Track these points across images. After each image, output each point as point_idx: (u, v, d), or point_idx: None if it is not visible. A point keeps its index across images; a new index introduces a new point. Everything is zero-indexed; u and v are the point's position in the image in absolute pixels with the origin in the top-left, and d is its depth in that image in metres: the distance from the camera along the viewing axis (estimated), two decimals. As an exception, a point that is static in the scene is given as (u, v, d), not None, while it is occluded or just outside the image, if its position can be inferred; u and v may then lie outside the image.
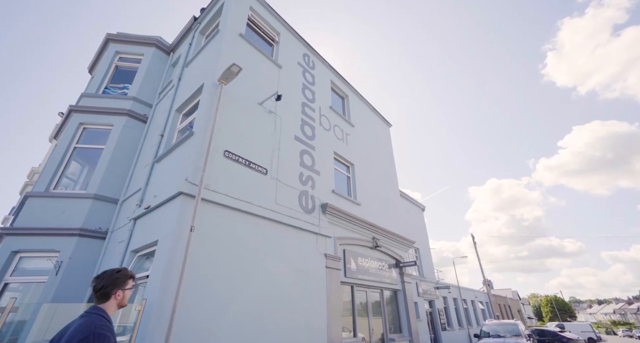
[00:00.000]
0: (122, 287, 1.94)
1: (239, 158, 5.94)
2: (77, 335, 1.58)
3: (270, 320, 5.35)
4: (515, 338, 10.68)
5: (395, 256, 10.14)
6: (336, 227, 7.90)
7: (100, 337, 1.61)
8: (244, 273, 5.27)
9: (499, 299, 30.87)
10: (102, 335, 1.63)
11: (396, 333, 9.22)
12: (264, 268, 5.64)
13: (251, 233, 5.64)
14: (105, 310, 1.85)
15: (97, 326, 1.67)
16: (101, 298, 1.88)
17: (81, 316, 1.78)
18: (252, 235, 5.64)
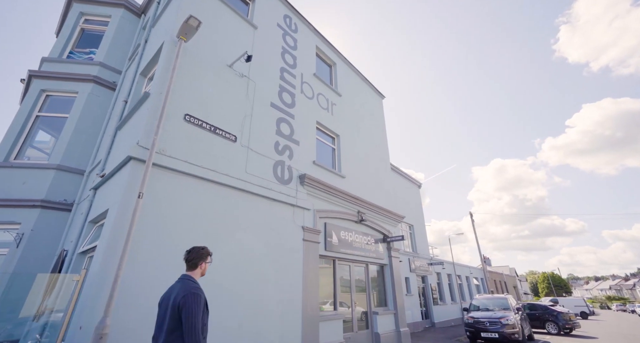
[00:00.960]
0: (205, 260, 2.60)
1: (203, 123, 5.48)
2: (181, 293, 2.23)
3: (238, 293, 5.13)
4: (503, 312, 10.62)
5: (382, 231, 9.87)
6: (316, 199, 7.56)
7: (195, 295, 2.24)
8: (209, 245, 4.97)
9: (494, 275, 31.20)
10: (196, 293, 2.26)
11: (381, 307, 9.15)
12: (233, 240, 5.35)
13: (217, 204, 5.30)
14: (193, 276, 2.50)
15: (192, 287, 2.30)
16: (191, 268, 2.54)
17: (178, 280, 2.43)
18: (218, 206, 5.31)
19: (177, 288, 2.34)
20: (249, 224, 5.74)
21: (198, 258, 2.56)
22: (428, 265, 16.98)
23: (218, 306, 4.78)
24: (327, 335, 6.62)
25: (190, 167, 5.02)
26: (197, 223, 4.89)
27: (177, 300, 2.20)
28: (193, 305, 2.17)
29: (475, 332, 10.26)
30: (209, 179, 5.25)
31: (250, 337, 5.09)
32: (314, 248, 6.97)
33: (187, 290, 2.25)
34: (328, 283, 7.65)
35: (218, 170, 5.43)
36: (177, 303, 2.18)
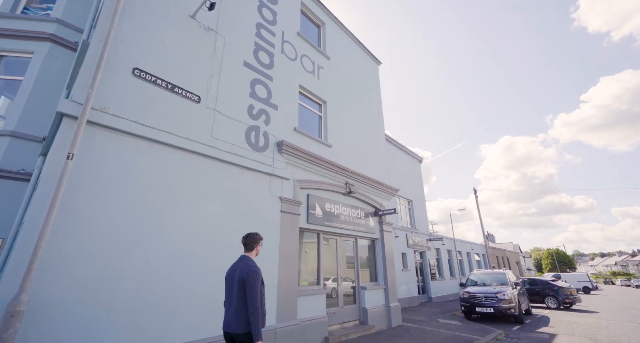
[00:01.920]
0: (258, 243, 3.22)
1: (157, 79, 4.83)
2: (245, 270, 2.85)
3: (208, 263, 4.72)
4: (501, 287, 10.25)
5: (374, 204, 9.35)
6: (297, 168, 6.98)
7: (254, 273, 2.83)
8: (168, 214, 4.52)
9: (497, 252, 30.99)
10: (256, 271, 2.85)
11: (372, 282, 8.82)
12: (197, 209, 4.87)
13: (177, 170, 4.77)
14: (250, 256, 3.12)
15: (252, 266, 2.91)
16: (248, 250, 3.17)
17: (240, 260, 3.05)
18: (179, 172, 4.78)
19: (240, 266, 2.96)
20: (217, 193, 5.24)
21: (253, 243, 3.19)
22: (427, 241, 16.62)
23: (188, 273, 4.40)
24: (307, 310, 6.30)
25: (142, 128, 4.44)
26: (152, 191, 4.39)
27: (241, 276, 2.83)
28: (253, 281, 2.78)
29: (470, 307, 9.97)
30: (166, 143, 4.68)
31: (216, 311, 4.72)
32: (293, 221, 6.49)
33: (249, 269, 2.85)
34: (312, 257, 7.26)
35: (177, 133, 4.84)
36: (242, 278, 2.81)
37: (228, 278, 3.01)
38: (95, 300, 3.60)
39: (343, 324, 7.39)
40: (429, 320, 9.60)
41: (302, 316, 6.13)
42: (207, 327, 4.52)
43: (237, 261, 3.08)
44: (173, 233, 4.49)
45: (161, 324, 4.06)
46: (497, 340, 7.43)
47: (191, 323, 4.36)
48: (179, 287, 4.36)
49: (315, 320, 6.32)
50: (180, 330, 4.22)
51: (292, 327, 5.69)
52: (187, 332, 4.29)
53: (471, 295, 10.15)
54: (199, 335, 4.41)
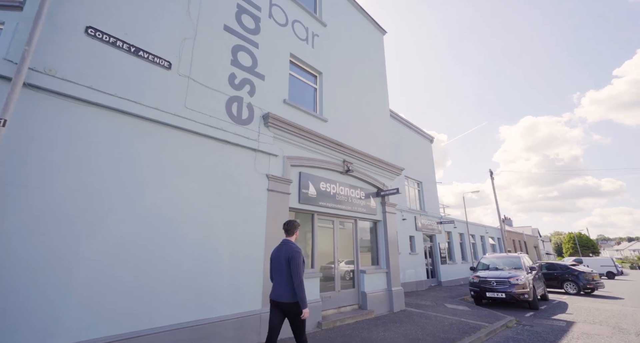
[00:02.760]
0: (297, 229, 3.77)
1: (118, 41, 4.31)
2: (289, 251, 3.44)
3: (178, 247, 4.35)
4: (514, 271, 9.57)
5: (376, 184, 8.74)
6: (287, 144, 6.43)
7: (297, 253, 3.43)
8: (133, 191, 4.12)
9: (513, 235, 29.86)
10: (298, 252, 3.45)
11: (373, 266, 8.36)
12: (167, 187, 4.45)
13: (144, 143, 4.33)
14: (291, 240, 3.68)
15: (295, 247, 3.51)
16: (289, 234, 3.72)
17: (284, 243, 3.61)
18: (145, 146, 4.33)
19: (284, 248, 3.51)
20: (193, 169, 4.79)
21: (293, 228, 3.72)
22: (437, 224, 15.93)
23: (159, 255, 4.03)
24: (298, 293, 5.91)
25: (99, 95, 3.97)
26: (114, 166, 3.97)
27: (287, 255, 3.40)
28: (297, 259, 3.36)
29: (481, 292, 9.39)
30: (130, 113, 4.22)
31: (195, 295, 4.39)
32: (282, 200, 6.01)
33: (293, 250, 3.44)
34: (306, 240, 6.82)
35: (143, 103, 4.36)
36: (287, 257, 3.38)
37: (274, 258, 3.59)
38: (50, 281, 3.28)
39: (340, 309, 7.01)
40: (435, 305, 9.12)
41: (292, 300, 5.74)
42: (178, 312, 4.18)
43: (280, 244, 3.66)
44: (140, 212, 4.10)
45: (126, 307, 3.73)
46: (507, 327, 6.87)
47: (159, 308, 4.01)
48: (148, 270, 4.00)
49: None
50: (147, 314, 3.89)
51: (279, 312, 5.32)
52: (156, 316, 3.96)
53: (481, 279, 9.55)
54: (172, 319, 4.08)
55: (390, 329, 6.07)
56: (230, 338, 4.58)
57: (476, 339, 5.66)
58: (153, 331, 3.85)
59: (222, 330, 4.52)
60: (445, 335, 5.71)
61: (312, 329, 5.85)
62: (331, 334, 5.56)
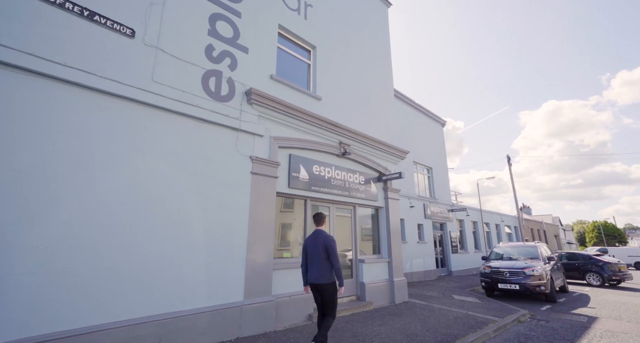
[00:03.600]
0: (325, 220, 4.28)
1: (66, 2, 3.83)
2: (326, 239, 3.89)
3: (147, 233, 3.97)
4: (530, 261, 8.83)
5: (377, 168, 8.12)
6: (274, 123, 5.90)
7: (333, 240, 3.91)
8: (93, 172, 3.73)
9: (532, 224, 28.51)
10: (333, 239, 3.93)
11: (374, 255, 7.85)
12: (134, 167, 4.04)
13: (103, 119, 3.90)
14: (323, 229, 4.15)
15: (329, 236, 3.97)
16: (320, 224, 4.17)
17: (318, 232, 4.04)
18: (105, 122, 3.91)
19: (320, 236, 3.97)
20: (165, 149, 4.36)
21: (322, 220, 4.22)
22: (448, 211, 15.16)
23: (119, 244, 3.67)
24: (287, 285, 5.50)
25: (45, 64, 3.53)
26: (65, 144, 3.57)
27: (324, 243, 3.89)
28: (334, 246, 3.90)
29: (492, 283, 8.74)
30: (83, 85, 3.77)
31: (164, 286, 4.03)
32: (268, 184, 5.54)
33: (329, 238, 3.95)
34: (298, 226, 6.37)
35: (100, 74, 3.91)
36: (325, 245, 3.87)
37: (310, 246, 3.99)
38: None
39: (335, 300, 6.57)
40: (442, 297, 8.57)
41: (279, 291, 5.35)
42: (143, 305, 3.82)
43: (314, 234, 4.08)
44: (100, 195, 3.71)
45: (78, 300, 3.39)
46: (519, 321, 6.25)
47: (119, 301, 3.66)
48: (106, 260, 3.64)
49: (296, 295, 5.53)
50: (103, 308, 3.54)
51: (264, 304, 4.93)
52: (115, 310, 3.61)
53: (493, 269, 8.87)
54: (134, 313, 3.73)
55: (387, 323, 5.59)
56: (204, 332, 4.22)
57: (483, 335, 5.10)
58: (109, 326, 3.49)
59: (196, 323, 4.16)
60: (448, 331, 5.18)
61: (301, 322, 5.46)
62: (321, 328, 5.13)
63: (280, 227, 6.12)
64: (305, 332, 4.89)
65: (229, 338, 4.43)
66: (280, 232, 6.11)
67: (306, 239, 4.17)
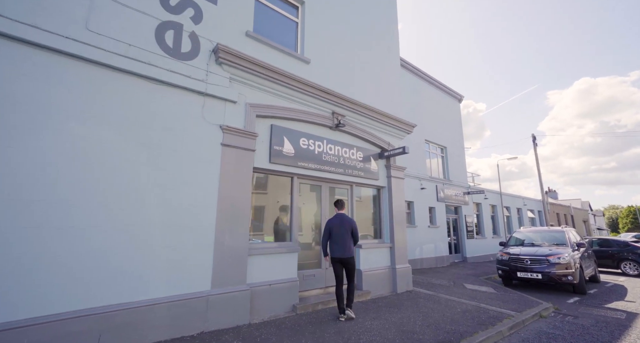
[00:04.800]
0: (345, 206, 5.04)
1: None
2: (352, 222, 4.78)
3: (77, 215, 3.36)
4: (555, 248, 7.77)
5: (378, 143, 7.20)
6: (251, 89, 5.09)
7: (355, 222, 4.84)
8: (15, 136, 3.11)
9: (558, 208, 26.58)
10: (354, 221, 4.85)
11: (375, 239, 7.07)
12: (67, 135, 3.39)
13: (24, 75, 3.24)
14: (345, 213, 4.94)
15: (351, 218, 4.96)
16: (341, 209, 4.92)
17: (341, 215, 4.82)
18: (26, 79, 3.24)
19: (345, 219, 4.75)
20: (110, 115, 3.68)
21: (342, 205, 4.96)
22: (464, 194, 14.02)
23: (39, 223, 3.08)
24: (267, 272, 4.85)
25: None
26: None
27: (349, 224, 4.72)
28: (356, 226, 4.80)
29: (510, 271, 7.79)
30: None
31: (112, 274, 3.44)
32: (243, 158, 4.80)
33: (353, 221, 4.81)
34: (276, 208, 5.65)
35: (15, 18, 3.21)
36: (350, 226, 4.71)
37: (335, 227, 4.68)
38: None
39: (327, 289, 5.91)
40: (452, 286, 7.73)
41: (257, 279, 4.70)
42: (83, 297, 3.24)
43: (337, 217, 4.81)
44: (19, 167, 3.09)
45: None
46: (541, 316, 5.36)
47: (50, 293, 3.09)
48: (28, 247, 3.05)
49: (277, 284, 4.88)
50: (16, 303, 2.97)
51: (236, 294, 4.30)
52: (29, 306, 3.04)
53: (512, 256, 7.89)
54: (73, 305, 3.17)
55: (382, 316, 4.86)
56: (160, 326, 3.64)
57: (495, 334, 4.28)
58: (28, 323, 2.91)
59: (149, 316, 3.58)
60: (452, 327, 4.39)
61: (283, 314, 4.82)
62: (301, 321, 4.47)
63: (261, 208, 5.44)
64: (284, 326, 4.25)
65: (191, 333, 3.85)
66: (261, 214, 5.42)
67: (330, 221, 4.81)
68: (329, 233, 4.76)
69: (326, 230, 4.82)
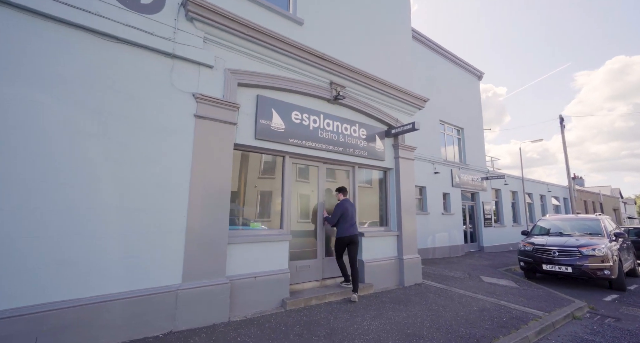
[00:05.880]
0: (347, 191, 5.27)
1: None
2: (353, 205, 5.49)
3: (7, 193, 2.81)
4: (589, 238, 6.83)
5: (385, 119, 6.37)
6: (232, 52, 4.37)
7: None
8: None
9: (585, 195, 24.84)
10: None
11: (381, 227, 6.35)
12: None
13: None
14: (348, 197, 5.37)
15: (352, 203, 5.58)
16: (345, 195, 5.19)
17: (347, 200, 5.12)
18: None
19: (351, 203, 5.15)
20: (51, 75, 3.06)
21: (345, 191, 5.23)
22: (482, 179, 12.99)
23: None
24: (252, 263, 4.25)
25: None
26: None
27: (354, 208, 5.29)
28: None
29: (534, 263, 6.93)
30: None
31: (56, 266, 2.91)
32: (222, 133, 4.12)
33: (354, 204, 5.46)
34: (275, 190, 5.01)
35: None
36: (354, 209, 5.25)
37: (346, 210, 4.97)
38: None
39: (324, 281, 5.29)
40: (467, 278, 6.97)
41: (239, 271, 4.11)
42: (16, 293, 2.72)
43: (346, 201, 5.10)
44: None
45: None
46: (575, 318, 4.56)
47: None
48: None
49: (264, 276, 4.28)
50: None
51: (212, 288, 3.73)
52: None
53: (537, 247, 7.01)
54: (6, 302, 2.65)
55: (384, 314, 4.20)
56: (119, 325, 3.11)
57: (520, 340, 3.56)
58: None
59: (105, 314, 3.05)
60: (467, 331, 3.68)
61: (271, 310, 4.24)
62: (289, 319, 3.87)
63: (248, 191, 4.80)
64: (268, 325, 3.66)
65: (155, 333, 3.31)
66: (248, 198, 4.79)
67: (342, 204, 5.03)
68: (341, 214, 4.96)
69: (339, 211, 4.98)
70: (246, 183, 4.81)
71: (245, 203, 4.77)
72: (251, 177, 4.88)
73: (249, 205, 4.80)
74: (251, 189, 4.85)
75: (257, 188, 4.92)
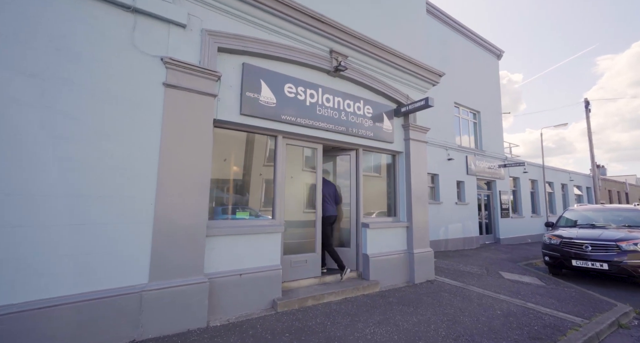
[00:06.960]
0: None
1: None
2: (335, 187, 5.14)
3: None
4: (628, 231, 6.00)
5: (394, 95, 5.60)
6: (210, 10, 3.67)
7: (338, 187, 5.31)
8: None
9: (610, 184, 23.40)
10: (338, 186, 5.32)
11: (388, 217, 5.68)
12: None
13: None
14: (328, 179, 5.29)
15: (334, 184, 5.27)
16: (328, 176, 5.38)
17: (326, 181, 5.04)
18: None
19: (330, 184, 5.06)
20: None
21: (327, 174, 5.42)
22: (499, 167, 12.07)
23: None
24: (237, 258, 3.66)
25: None
26: None
27: (334, 189, 5.04)
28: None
29: (562, 258, 6.16)
30: None
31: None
32: (199, 106, 3.47)
33: (336, 186, 5.20)
34: (266, 174, 4.37)
35: None
36: (335, 191, 5.07)
37: (326, 192, 4.90)
38: None
39: (323, 278, 4.68)
40: (485, 274, 6.27)
41: (221, 268, 3.54)
42: None
43: (325, 183, 4.99)
44: None
45: None
46: (622, 327, 3.84)
47: None
48: None
49: (250, 274, 3.70)
50: None
51: (186, 288, 3.16)
52: None
53: (565, 240, 6.23)
54: None
55: (391, 319, 3.57)
56: (68, 334, 2.57)
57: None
58: None
59: (50, 321, 2.51)
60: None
61: (259, 312, 3.67)
62: (278, 325, 3.28)
63: (234, 176, 4.18)
64: (251, 332, 3.08)
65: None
66: (234, 184, 4.18)
67: (325, 188, 4.93)
68: (324, 198, 4.95)
69: (322, 196, 4.93)
70: (250, 170, 4.20)
71: (250, 192, 4.20)
72: (256, 164, 4.26)
73: (253, 194, 4.22)
74: (256, 177, 4.26)
75: (262, 176, 4.32)
